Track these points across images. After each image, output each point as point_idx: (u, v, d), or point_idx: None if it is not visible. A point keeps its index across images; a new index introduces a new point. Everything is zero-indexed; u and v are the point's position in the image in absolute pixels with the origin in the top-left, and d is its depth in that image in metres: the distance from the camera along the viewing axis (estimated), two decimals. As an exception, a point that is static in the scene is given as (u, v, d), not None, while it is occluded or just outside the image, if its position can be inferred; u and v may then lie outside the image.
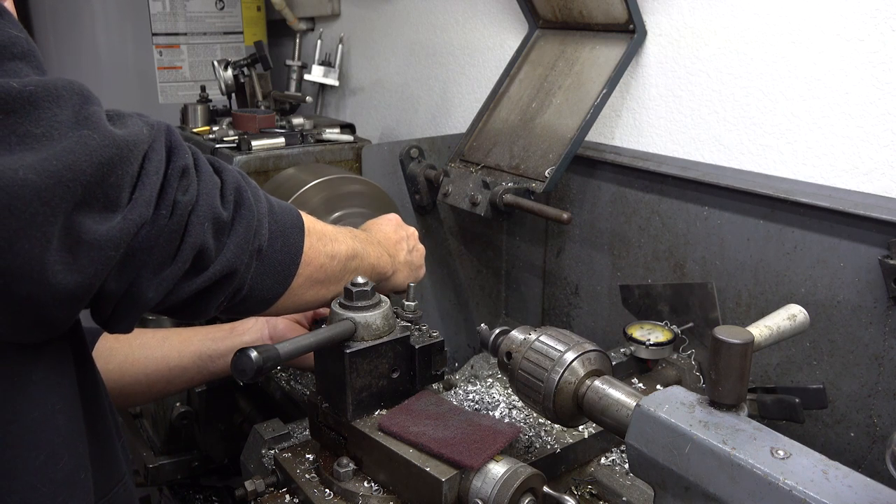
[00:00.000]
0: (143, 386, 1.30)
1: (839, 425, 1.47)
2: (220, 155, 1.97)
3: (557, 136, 1.79)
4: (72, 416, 0.83)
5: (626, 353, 1.37)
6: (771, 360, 1.56)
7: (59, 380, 0.82)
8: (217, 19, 2.85)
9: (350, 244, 1.09)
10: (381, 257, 1.16)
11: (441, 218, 2.12)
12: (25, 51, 0.71)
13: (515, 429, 1.02)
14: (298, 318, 1.38)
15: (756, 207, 1.54)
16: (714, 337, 0.81)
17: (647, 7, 1.72)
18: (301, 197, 1.73)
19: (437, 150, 2.06)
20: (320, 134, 2.12)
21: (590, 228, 1.94)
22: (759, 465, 0.74)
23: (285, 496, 1.11)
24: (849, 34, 1.38)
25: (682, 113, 1.70)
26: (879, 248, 1.35)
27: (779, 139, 1.52)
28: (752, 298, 1.58)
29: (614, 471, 1.18)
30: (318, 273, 1.03)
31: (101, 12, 2.75)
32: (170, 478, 1.72)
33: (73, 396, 0.84)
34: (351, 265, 1.09)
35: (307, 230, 1.01)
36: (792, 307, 1.24)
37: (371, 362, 1.06)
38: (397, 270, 1.22)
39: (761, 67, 1.53)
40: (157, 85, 2.80)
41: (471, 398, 1.30)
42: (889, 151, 1.36)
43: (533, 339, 1.01)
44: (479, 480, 0.94)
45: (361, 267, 1.11)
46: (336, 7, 2.81)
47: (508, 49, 2.07)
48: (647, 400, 0.86)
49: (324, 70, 2.61)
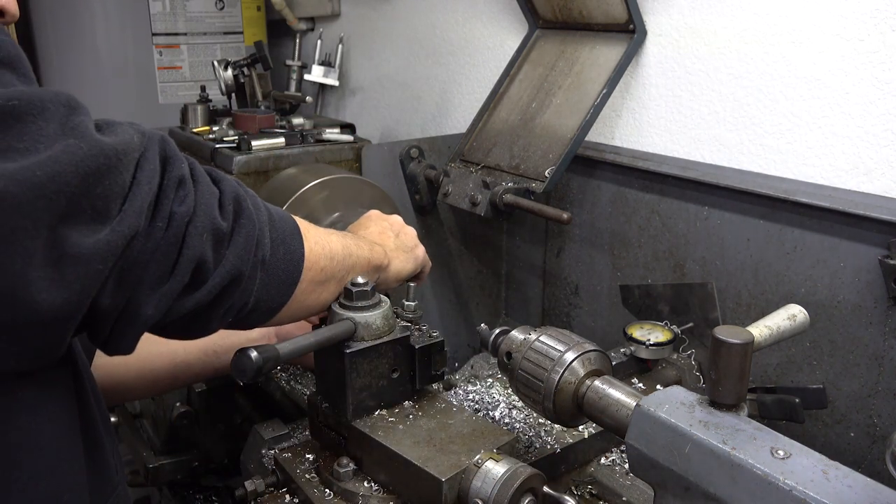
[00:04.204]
0: (147, 381, 1.30)
1: (839, 425, 1.47)
2: (220, 155, 1.97)
3: (557, 136, 1.79)
4: (59, 437, 0.80)
5: (626, 353, 1.37)
6: (771, 360, 1.56)
7: (52, 404, 0.79)
8: (217, 19, 2.85)
9: (342, 241, 1.08)
10: (373, 249, 1.15)
11: (441, 218, 2.12)
12: (11, 56, 0.69)
13: None
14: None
15: (756, 207, 1.54)
16: (714, 337, 0.81)
17: (647, 7, 1.72)
18: (301, 197, 1.72)
19: (437, 150, 2.06)
20: (320, 134, 2.12)
21: (590, 228, 1.94)
22: (759, 465, 0.74)
23: (285, 496, 1.11)
24: (849, 34, 1.38)
25: (682, 113, 1.70)
26: (879, 248, 1.35)
27: (779, 139, 1.52)
28: (752, 298, 1.58)
29: (614, 471, 1.18)
30: (320, 275, 1.02)
31: (101, 12, 2.75)
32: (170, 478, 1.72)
33: (68, 419, 0.82)
34: (348, 262, 1.08)
35: (304, 233, 0.99)
36: (792, 307, 1.24)
37: (371, 362, 1.06)
38: (392, 258, 1.20)
39: (761, 67, 1.53)
40: (157, 85, 2.79)
41: (471, 398, 1.30)
42: (889, 151, 1.36)
43: (533, 339, 1.01)
44: (479, 480, 0.94)
45: (359, 263, 1.10)
46: (336, 7, 2.81)
47: (508, 49, 2.07)
48: (647, 400, 0.86)
49: (324, 70, 2.61)
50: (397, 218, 1.31)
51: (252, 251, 0.87)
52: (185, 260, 0.78)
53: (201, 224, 0.79)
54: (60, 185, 0.65)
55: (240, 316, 0.91)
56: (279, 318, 0.99)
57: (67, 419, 0.83)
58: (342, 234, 1.12)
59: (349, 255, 1.08)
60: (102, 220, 0.70)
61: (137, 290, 0.76)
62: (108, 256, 0.70)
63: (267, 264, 0.91)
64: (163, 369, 1.30)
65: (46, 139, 0.65)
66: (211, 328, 0.89)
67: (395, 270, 1.20)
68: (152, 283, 0.76)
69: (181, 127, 2.28)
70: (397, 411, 1.09)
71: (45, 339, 0.70)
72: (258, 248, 0.88)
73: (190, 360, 1.32)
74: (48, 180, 0.64)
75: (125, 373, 1.27)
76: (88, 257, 0.68)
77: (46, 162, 0.64)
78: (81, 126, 0.69)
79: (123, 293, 0.75)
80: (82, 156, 0.67)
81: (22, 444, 0.77)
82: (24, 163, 0.63)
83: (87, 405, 0.87)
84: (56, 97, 0.68)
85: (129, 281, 0.74)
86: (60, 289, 0.67)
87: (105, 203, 0.69)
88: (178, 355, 1.31)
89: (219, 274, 0.82)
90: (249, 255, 0.86)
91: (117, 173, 0.71)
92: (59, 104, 0.68)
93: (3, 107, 0.63)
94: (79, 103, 0.71)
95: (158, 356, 1.30)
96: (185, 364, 1.31)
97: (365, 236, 1.21)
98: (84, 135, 0.68)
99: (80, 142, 0.67)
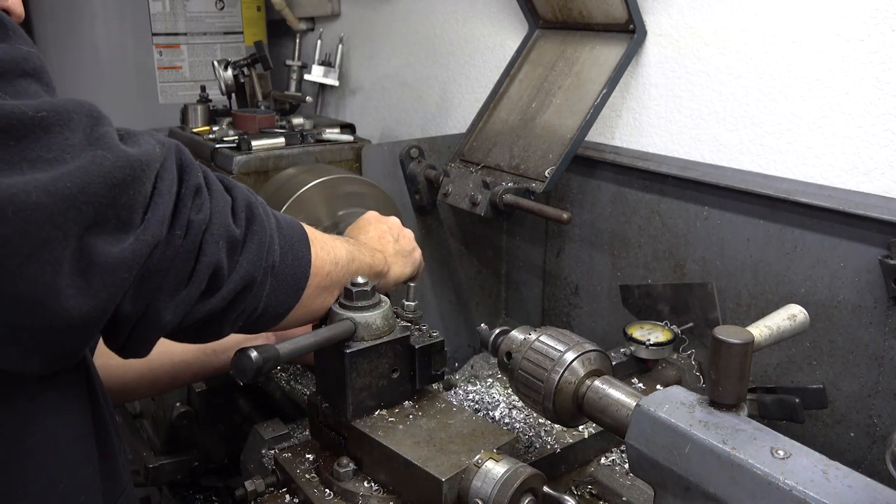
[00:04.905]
0: (147, 381, 1.31)
1: (839, 425, 1.47)
2: (220, 155, 1.97)
3: (557, 136, 1.79)
4: (76, 440, 0.82)
5: (626, 353, 1.37)
6: (771, 360, 1.56)
7: (69, 406, 0.81)
8: (217, 19, 2.85)
9: (346, 247, 1.10)
10: (374, 255, 1.17)
11: (441, 218, 2.12)
12: (37, 67, 0.70)
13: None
14: None
15: (756, 207, 1.54)
16: (714, 337, 0.81)
17: (647, 7, 1.72)
18: (301, 197, 1.72)
19: (437, 150, 2.06)
20: (320, 134, 2.12)
21: (590, 228, 1.94)
22: (759, 465, 0.74)
23: (285, 496, 1.11)
24: (849, 34, 1.38)
25: (682, 113, 1.70)
26: (879, 248, 1.35)
27: (779, 139, 1.52)
28: (752, 298, 1.58)
29: (614, 471, 1.18)
30: (325, 281, 1.03)
31: (101, 12, 2.75)
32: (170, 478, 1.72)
33: (83, 420, 0.83)
34: (352, 268, 1.09)
35: (311, 240, 1.01)
36: (792, 307, 1.24)
37: (371, 362, 1.06)
38: (391, 264, 1.21)
39: (761, 67, 1.53)
40: (157, 85, 2.80)
41: (471, 398, 1.30)
42: (889, 151, 1.36)
43: (533, 339, 1.01)
44: (479, 480, 0.93)
45: (361, 269, 1.11)
46: (336, 7, 2.81)
47: (508, 49, 2.07)
48: (647, 400, 0.86)
49: (324, 70, 2.61)
50: (395, 220, 1.32)
51: (264, 257, 0.88)
52: (203, 267, 0.80)
53: (217, 231, 0.81)
54: (89, 196, 0.66)
55: (249, 321, 0.92)
56: (286, 323, 1.01)
57: (83, 421, 0.84)
58: (345, 240, 1.14)
59: (353, 260, 1.10)
60: (127, 230, 0.71)
61: (157, 296, 0.77)
62: (133, 265, 0.72)
63: (276, 270, 0.92)
64: (162, 369, 1.31)
65: (73, 149, 0.67)
66: (223, 333, 0.90)
67: (394, 276, 1.22)
68: (171, 290, 0.78)
69: (181, 127, 2.28)
70: (397, 411, 1.09)
71: (71, 344, 0.72)
72: (269, 255, 0.90)
73: (189, 360, 1.32)
74: (78, 191, 0.65)
75: (124, 374, 1.27)
76: (115, 266, 0.70)
77: (76, 173, 0.66)
78: (107, 136, 0.70)
79: (143, 299, 0.76)
80: (109, 167, 0.68)
81: (42, 445, 0.78)
82: (53, 173, 0.64)
83: (99, 407, 0.89)
84: (80, 107, 0.70)
85: (148, 288, 0.76)
86: (88, 297, 0.68)
87: (129, 213, 0.71)
88: (176, 355, 1.31)
89: (233, 280, 0.84)
90: (261, 262, 0.88)
91: (141, 183, 0.72)
92: (83, 114, 0.69)
93: (33, 118, 0.65)
94: (101, 113, 0.72)
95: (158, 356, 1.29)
96: (184, 364, 1.32)
97: (366, 242, 1.22)
98: (110, 146, 0.70)
99: (107, 153, 0.69)
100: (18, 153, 0.63)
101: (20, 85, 0.68)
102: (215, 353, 1.33)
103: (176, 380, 1.35)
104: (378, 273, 1.17)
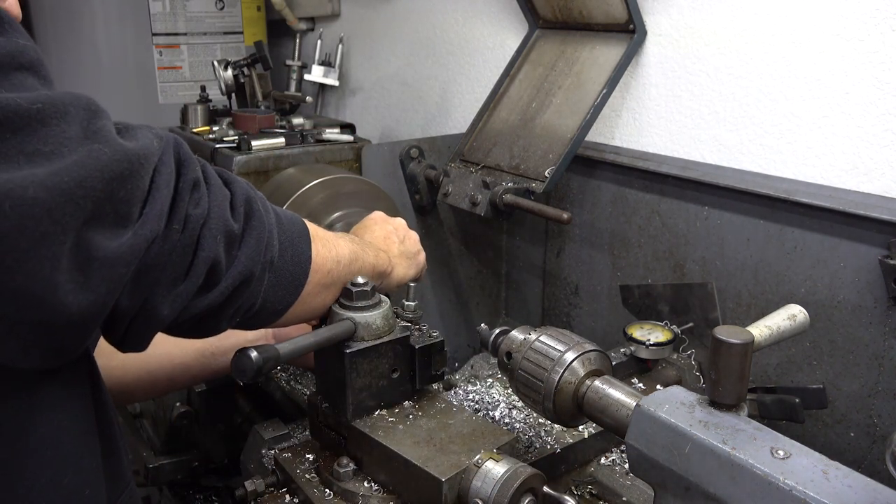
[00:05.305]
0: (146, 383, 1.30)
1: (839, 425, 1.47)
2: (220, 155, 1.97)
3: (557, 136, 1.79)
4: (79, 435, 0.82)
5: (626, 353, 1.37)
6: (771, 360, 1.56)
7: (72, 401, 0.81)
8: (217, 19, 2.85)
9: (349, 246, 1.09)
10: (378, 255, 1.16)
11: (441, 218, 2.12)
12: (33, 61, 0.70)
13: None
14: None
15: (756, 207, 1.54)
16: (714, 337, 0.81)
17: (647, 7, 1.72)
18: (301, 197, 1.72)
19: (437, 150, 2.06)
20: (320, 134, 2.12)
21: (590, 228, 1.94)
22: (759, 465, 0.74)
23: (285, 496, 1.11)
24: (849, 34, 1.38)
25: (682, 113, 1.70)
26: (879, 248, 1.35)
27: (779, 139, 1.52)
28: (752, 298, 1.58)
29: (614, 471, 1.18)
30: (326, 279, 1.03)
31: (101, 12, 2.75)
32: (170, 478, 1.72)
33: (86, 416, 0.83)
34: (355, 267, 1.08)
35: (313, 236, 1.00)
36: (792, 307, 1.24)
37: (371, 362, 1.06)
38: (395, 265, 1.21)
39: (761, 67, 1.53)
40: (157, 85, 2.80)
41: (471, 398, 1.30)
42: (889, 151, 1.36)
43: (533, 339, 1.01)
44: (479, 480, 0.93)
45: (363, 269, 1.10)
46: (336, 7, 2.81)
47: (508, 49, 2.07)
48: (647, 400, 0.86)
49: (324, 70, 2.61)
50: (401, 221, 1.31)
51: (262, 252, 0.88)
52: (200, 261, 0.79)
53: (215, 226, 0.81)
54: (87, 191, 0.66)
55: (247, 316, 0.92)
56: (285, 320, 1.00)
57: (86, 416, 0.84)
58: (350, 239, 1.13)
59: (355, 259, 1.09)
60: (125, 224, 0.71)
61: (154, 291, 0.77)
62: (131, 259, 0.71)
63: (275, 266, 0.92)
64: (161, 371, 1.30)
65: (69, 142, 0.66)
66: (221, 328, 0.90)
67: (397, 277, 1.21)
68: (168, 285, 0.78)
69: (181, 127, 2.28)
70: (397, 411, 1.09)
71: (70, 338, 0.72)
72: (267, 250, 0.89)
73: (188, 362, 1.32)
74: (76, 186, 0.65)
75: (123, 375, 1.27)
76: (113, 261, 0.69)
77: (73, 167, 0.65)
78: (104, 130, 0.70)
79: (141, 294, 0.76)
80: (107, 161, 0.68)
81: (46, 440, 0.78)
82: (51, 168, 0.64)
83: (102, 403, 0.89)
84: (76, 100, 0.69)
85: (146, 282, 0.76)
86: (86, 292, 0.68)
87: (127, 207, 0.71)
88: (175, 357, 1.31)
89: (231, 275, 0.84)
90: (259, 257, 0.87)
91: (139, 177, 0.72)
92: (79, 107, 0.69)
93: (29, 110, 0.64)
94: (98, 106, 0.72)
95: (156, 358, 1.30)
96: (182, 366, 1.31)
97: (371, 241, 1.21)
98: (108, 139, 0.69)
99: (105, 147, 0.68)
100: (15, 146, 0.63)
101: (16, 78, 0.67)
102: (214, 356, 1.32)
103: (175, 382, 1.34)
104: (381, 273, 1.16)
